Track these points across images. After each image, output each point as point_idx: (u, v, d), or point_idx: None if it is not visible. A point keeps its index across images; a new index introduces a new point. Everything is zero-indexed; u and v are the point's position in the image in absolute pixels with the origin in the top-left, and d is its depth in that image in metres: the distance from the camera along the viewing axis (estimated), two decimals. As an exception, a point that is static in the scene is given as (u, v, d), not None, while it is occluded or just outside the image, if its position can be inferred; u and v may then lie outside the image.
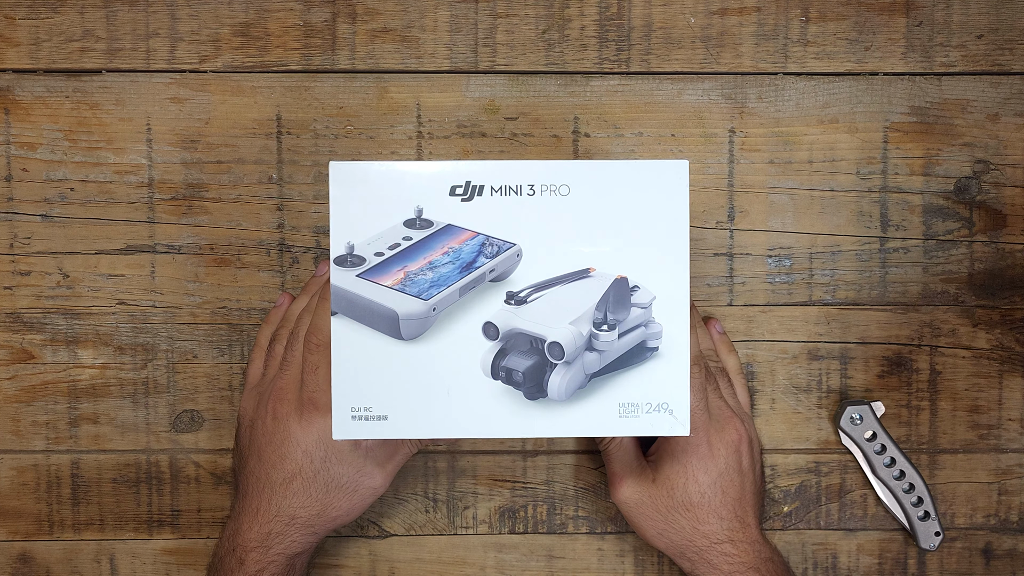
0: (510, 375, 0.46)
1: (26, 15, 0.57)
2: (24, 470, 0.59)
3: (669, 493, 0.54)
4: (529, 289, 0.47)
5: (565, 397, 0.47)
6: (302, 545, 0.53)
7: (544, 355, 0.46)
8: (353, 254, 0.47)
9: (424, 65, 0.58)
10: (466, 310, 0.47)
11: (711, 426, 0.54)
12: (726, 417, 0.55)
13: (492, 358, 0.46)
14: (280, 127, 0.58)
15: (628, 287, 0.47)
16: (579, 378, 0.47)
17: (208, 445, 0.59)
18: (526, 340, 0.47)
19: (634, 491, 0.54)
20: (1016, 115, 0.59)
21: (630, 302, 0.47)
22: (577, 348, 0.46)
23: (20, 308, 0.58)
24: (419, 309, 0.46)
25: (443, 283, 0.47)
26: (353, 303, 0.47)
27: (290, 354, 0.53)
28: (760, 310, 0.59)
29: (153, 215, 0.58)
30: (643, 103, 0.58)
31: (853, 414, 0.58)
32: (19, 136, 0.58)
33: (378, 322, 0.46)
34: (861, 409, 0.58)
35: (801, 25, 0.58)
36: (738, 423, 0.55)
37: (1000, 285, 0.59)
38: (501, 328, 0.46)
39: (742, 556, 0.53)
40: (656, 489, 0.54)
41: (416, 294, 0.47)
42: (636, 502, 0.54)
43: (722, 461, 0.54)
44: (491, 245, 0.47)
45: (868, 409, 0.58)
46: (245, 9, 0.58)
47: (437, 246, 0.47)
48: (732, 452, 0.54)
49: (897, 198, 0.59)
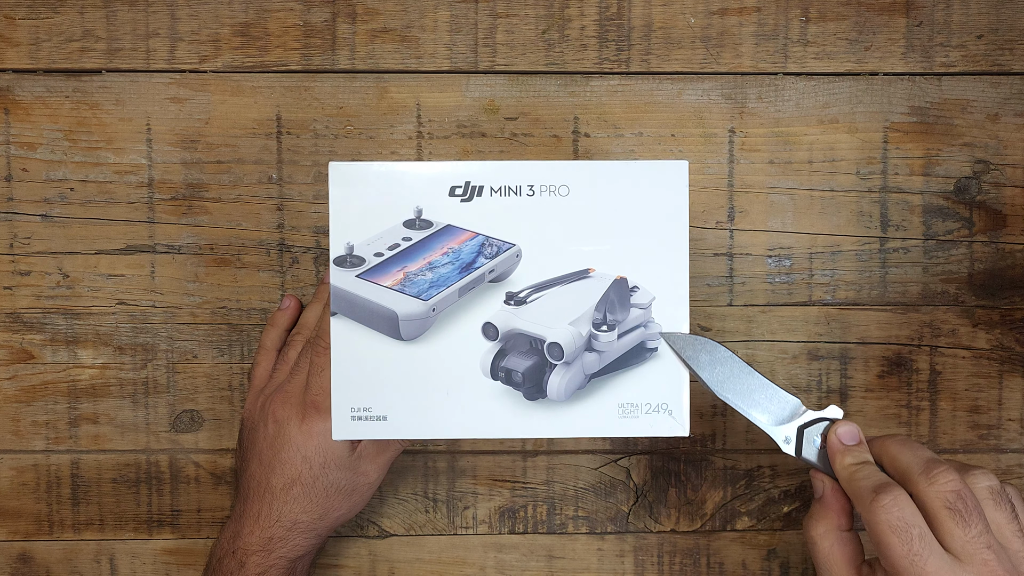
0: (509, 375, 0.46)
1: (26, 15, 0.57)
2: (24, 470, 0.59)
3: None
4: (528, 289, 0.47)
5: (564, 397, 0.47)
6: (304, 548, 0.53)
7: (544, 355, 0.46)
8: (353, 254, 0.47)
9: (424, 65, 0.58)
10: (466, 310, 0.47)
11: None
12: (997, 574, 0.42)
13: (492, 358, 0.46)
14: (280, 127, 0.58)
15: (628, 288, 0.47)
16: (579, 378, 0.47)
17: (208, 445, 0.59)
18: (526, 340, 0.47)
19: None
20: (1016, 115, 0.58)
21: (629, 303, 0.47)
22: (576, 348, 0.46)
23: (20, 308, 0.58)
24: (419, 310, 0.46)
25: (442, 284, 0.47)
26: (353, 303, 0.47)
27: (299, 358, 0.54)
28: (760, 310, 0.59)
29: (153, 215, 0.58)
30: (643, 103, 0.58)
31: (814, 437, 0.49)
32: (19, 136, 0.58)
33: (378, 323, 0.46)
34: (820, 428, 0.49)
35: (801, 25, 0.58)
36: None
37: (1000, 285, 0.59)
38: (500, 328, 0.46)
39: None
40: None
41: (416, 294, 0.47)
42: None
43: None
44: (490, 245, 0.47)
45: (827, 425, 0.49)
46: (245, 9, 0.58)
47: (436, 246, 0.47)
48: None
49: (897, 198, 0.59)
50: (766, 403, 0.48)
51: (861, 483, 0.45)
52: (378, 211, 0.47)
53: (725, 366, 0.47)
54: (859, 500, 0.45)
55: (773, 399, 0.48)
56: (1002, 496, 0.45)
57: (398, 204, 0.47)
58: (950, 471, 0.44)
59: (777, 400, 0.48)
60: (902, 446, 0.47)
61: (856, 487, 0.46)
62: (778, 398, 0.48)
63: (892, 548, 0.43)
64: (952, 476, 0.44)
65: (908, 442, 0.47)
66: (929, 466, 0.44)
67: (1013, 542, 0.44)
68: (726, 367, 0.47)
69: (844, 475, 0.47)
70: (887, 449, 0.47)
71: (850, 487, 0.46)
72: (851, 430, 0.47)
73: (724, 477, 0.60)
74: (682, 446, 0.60)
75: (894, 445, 0.47)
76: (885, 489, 0.44)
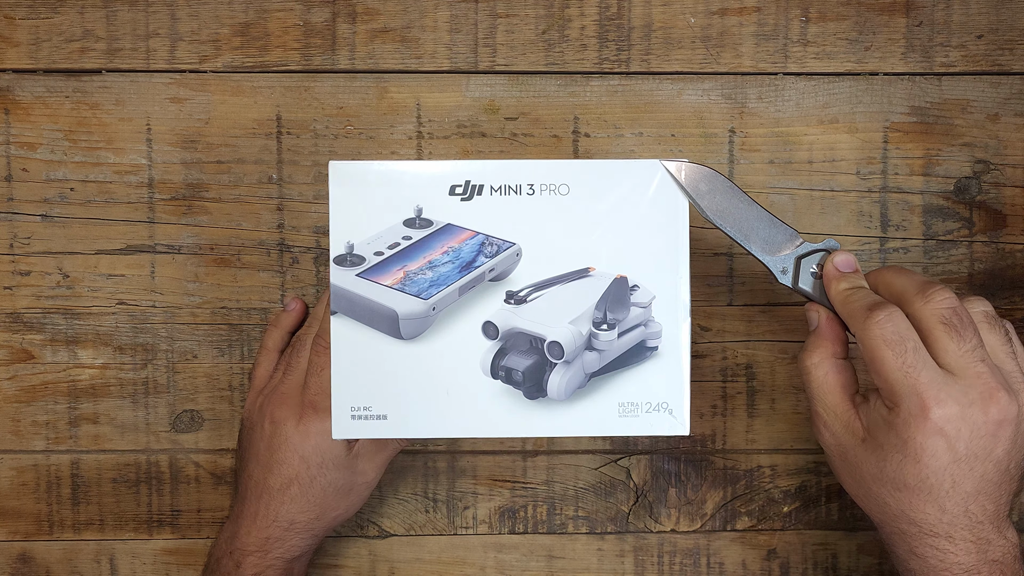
0: (510, 374, 0.46)
1: (26, 15, 0.57)
2: (24, 470, 0.59)
3: (878, 464, 0.44)
4: (529, 288, 0.47)
5: (565, 396, 0.47)
6: (300, 549, 0.53)
7: (544, 354, 0.46)
8: (353, 253, 0.47)
9: (424, 65, 0.58)
10: (466, 309, 0.47)
11: (965, 392, 0.42)
12: (991, 387, 0.42)
13: (492, 357, 0.46)
14: (280, 127, 0.58)
15: (628, 286, 0.47)
16: (579, 377, 0.47)
17: (208, 445, 0.59)
18: (526, 339, 0.47)
19: (834, 441, 0.46)
20: (1016, 115, 0.58)
21: (629, 301, 0.47)
22: (577, 347, 0.46)
23: (20, 308, 0.58)
24: (419, 308, 0.46)
25: (443, 282, 0.47)
26: (353, 302, 0.47)
27: (295, 359, 0.53)
28: (760, 310, 0.59)
29: (153, 215, 0.58)
30: (643, 103, 0.58)
31: (811, 267, 0.48)
32: (19, 136, 0.58)
33: (378, 321, 0.46)
34: (816, 259, 0.48)
35: (801, 25, 0.58)
36: (1006, 398, 0.42)
37: (1000, 285, 0.59)
38: (500, 327, 0.46)
39: (960, 556, 0.43)
40: (863, 452, 0.45)
41: (416, 293, 0.47)
42: (835, 454, 0.46)
43: (963, 444, 0.42)
44: (491, 244, 0.47)
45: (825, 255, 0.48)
46: (245, 9, 0.58)
47: (437, 245, 0.47)
48: (985, 434, 0.42)
49: (897, 198, 0.59)
50: (764, 233, 0.47)
51: (855, 304, 0.45)
52: (378, 210, 0.47)
53: (724, 196, 0.47)
54: (853, 320, 0.45)
55: (771, 229, 0.47)
56: (996, 320, 0.46)
57: (398, 203, 0.47)
58: (946, 290, 0.44)
59: (775, 231, 0.47)
60: (897, 272, 0.47)
61: (851, 308, 0.45)
62: (776, 229, 0.47)
63: (886, 362, 0.43)
64: (948, 294, 0.44)
65: (903, 269, 0.47)
66: (925, 286, 0.44)
67: (1007, 363, 0.45)
68: (725, 197, 0.47)
69: (839, 299, 0.46)
70: (882, 276, 0.47)
71: (844, 309, 0.46)
72: (848, 258, 0.47)
73: (724, 477, 0.60)
74: (682, 446, 0.60)
75: (889, 272, 0.47)
76: (880, 306, 0.44)
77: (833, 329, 0.47)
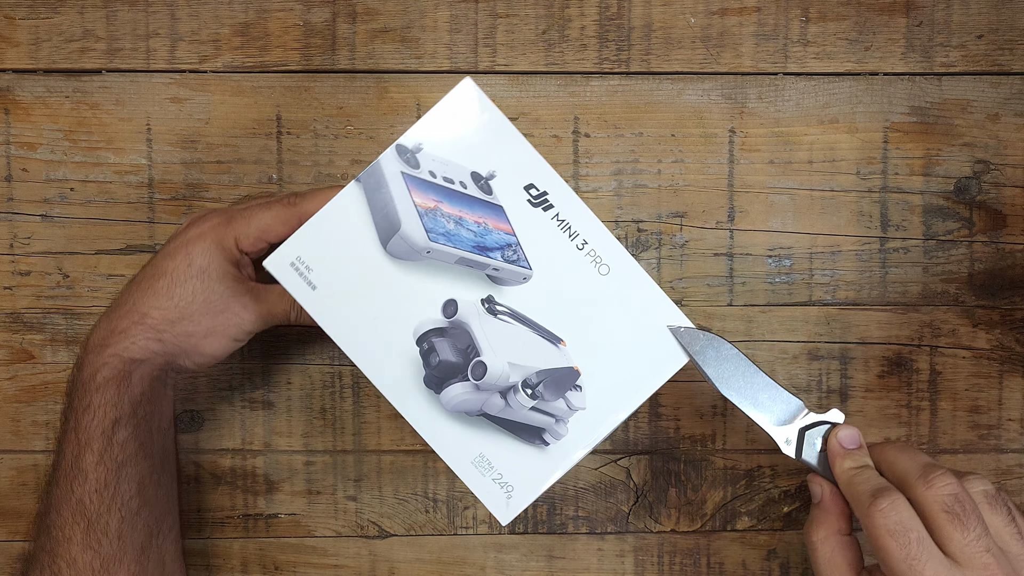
0: (429, 352, 0.46)
1: (26, 15, 0.57)
2: (24, 470, 0.59)
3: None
4: (507, 311, 0.47)
5: (450, 409, 0.46)
6: (142, 352, 0.48)
7: (467, 364, 0.46)
8: (415, 155, 0.47)
9: (424, 65, 0.58)
10: (449, 277, 0.47)
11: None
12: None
13: (429, 328, 0.46)
14: (280, 127, 0.58)
15: (573, 380, 0.47)
16: (474, 406, 0.47)
17: (208, 445, 0.59)
18: (466, 341, 0.46)
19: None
20: (1016, 115, 0.59)
21: (564, 393, 0.47)
22: (495, 384, 0.46)
23: (20, 308, 0.58)
24: (417, 240, 0.46)
25: (453, 242, 0.47)
26: (378, 189, 0.46)
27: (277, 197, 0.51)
28: (760, 310, 0.59)
29: (153, 215, 0.58)
30: (643, 103, 0.58)
31: (815, 439, 0.49)
32: (19, 136, 0.58)
33: (381, 216, 0.46)
34: (821, 431, 0.49)
35: (801, 25, 0.58)
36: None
37: (1000, 285, 0.59)
38: (458, 316, 0.46)
39: None
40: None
41: (428, 228, 0.46)
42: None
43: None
44: (513, 252, 0.47)
45: (827, 428, 0.49)
46: (245, 9, 0.58)
47: (478, 212, 0.47)
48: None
49: (897, 198, 0.59)
50: (769, 403, 0.48)
51: (859, 487, 0.45)
52: (467, 146, 0.46)
53: (730, 363, 0.47)
54: (857, 504, 0.45)
55: (776, 399, 0.48)
56: (998, 500, 0.45)
57: (484, 154, 0.46)
58: (947, 475, 0.44)
59: (780, 400, 0.48)
60: (900, 451, 0.47)
61: (854, 491, 0.46)
62: (781, 399, 0.48)
63: (890, 552, 0.43)
64: (949, 480, 0.44)
65: (906, 447, 0.47)
66: (926, 470, 0.44)
67: (1012, 545, 0.44)
68: (731, 364, 0.47)
69: (843, 479, 0.47)
70: (885, 455, 0.47)
71: (848, 491, 0.46)
72: (852, 434, 0.47)
73: (724, 477, 0.60)
74: (682, 446, 0.60)
75: (892, 450, 0.47)
76: (883, 493, 0.44)
77: (838, 504, 0.48)
